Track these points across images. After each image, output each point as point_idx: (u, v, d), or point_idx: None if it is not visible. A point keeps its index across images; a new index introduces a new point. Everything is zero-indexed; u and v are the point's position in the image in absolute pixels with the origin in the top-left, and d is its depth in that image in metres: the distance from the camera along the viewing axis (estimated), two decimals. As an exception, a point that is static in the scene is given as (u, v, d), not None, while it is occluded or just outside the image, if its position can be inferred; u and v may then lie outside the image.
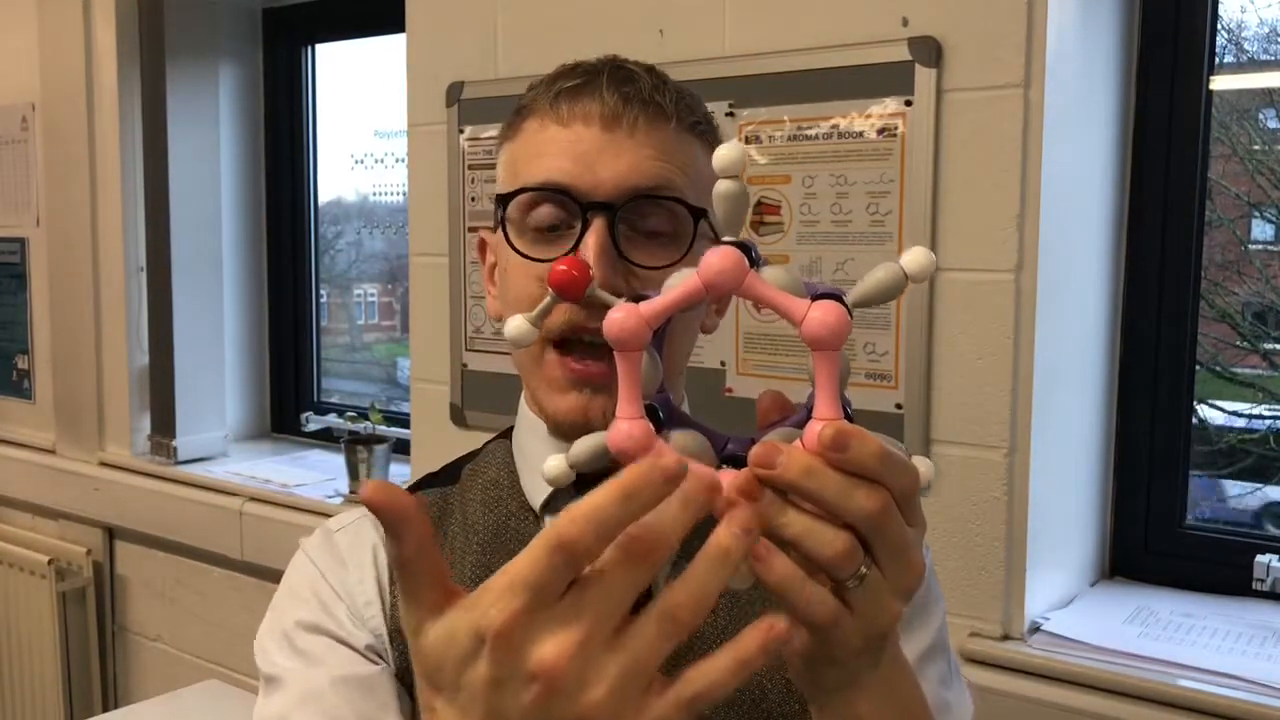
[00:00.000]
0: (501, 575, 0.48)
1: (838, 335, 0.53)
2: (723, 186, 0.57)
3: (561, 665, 0.46)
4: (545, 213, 0.80)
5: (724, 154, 0.56)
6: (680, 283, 0.56)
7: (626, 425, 0.56)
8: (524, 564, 0.48)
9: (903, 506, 0.54)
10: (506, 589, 0.47)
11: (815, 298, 0.54)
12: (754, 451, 0.53)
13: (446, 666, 0.49)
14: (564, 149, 0.80)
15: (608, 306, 0.61)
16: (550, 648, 0.47)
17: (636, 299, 0.57)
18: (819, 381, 0.54)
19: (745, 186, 0.57)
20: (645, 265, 0.79)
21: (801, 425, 0.55)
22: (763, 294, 0.54)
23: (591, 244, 0.77)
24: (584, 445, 0.60)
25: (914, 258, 0.54)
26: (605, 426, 0.73)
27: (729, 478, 0.53)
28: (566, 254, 0.78)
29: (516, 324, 0.65)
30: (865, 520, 0.52)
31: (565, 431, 0.81)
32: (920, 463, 0.56)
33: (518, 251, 0.81)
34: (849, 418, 0.55)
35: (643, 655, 0.47)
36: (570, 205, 0.79)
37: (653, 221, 0.80)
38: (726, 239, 0.57)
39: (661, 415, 0.58)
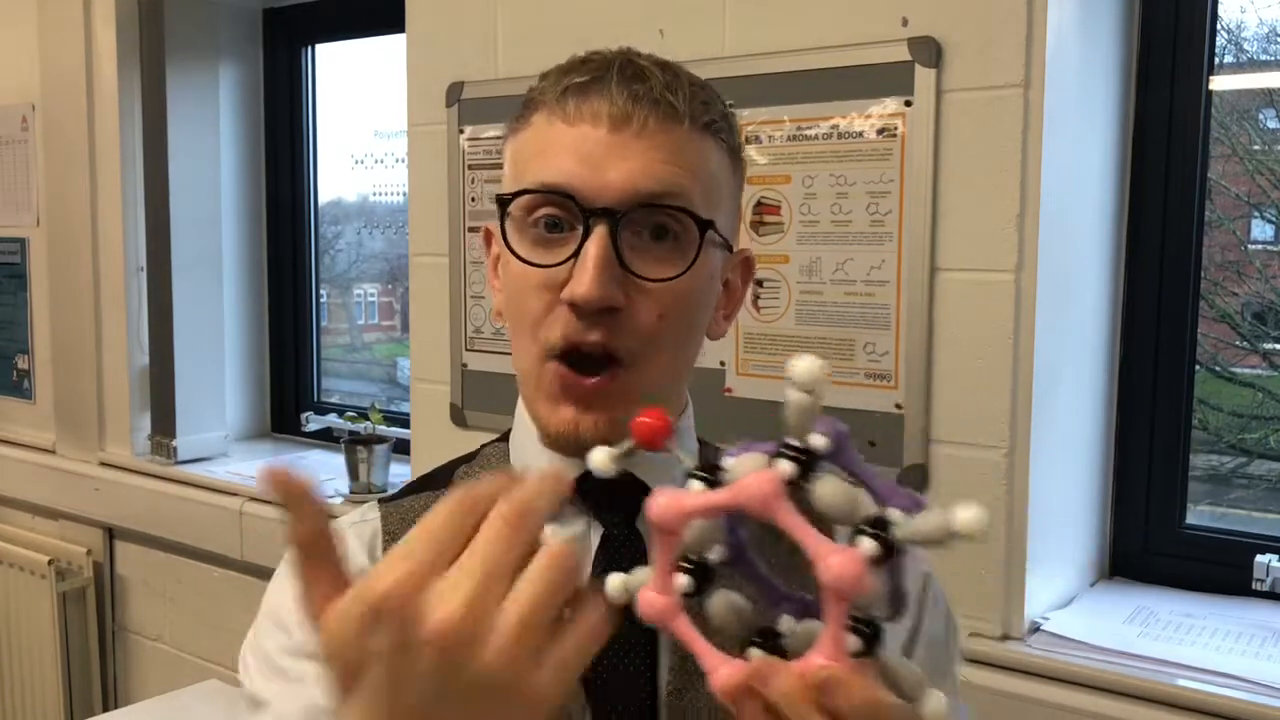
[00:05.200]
0: (390, 552, 0.51)
1: (853, 589, 0.51)
2: (794, 398, 0.56)
3: (454, 625, 0.48)
4: (547, 215, 0.77)
5: (803, 368, 0.55)
6: (724, 488, 0.56)
7: (650, 597, 0.58)
8: (410, 536, 0.51)
9: None
10: (395, 558, 0.50)
11: (861, 527, 0.53)
12: (752, 665, 0.54)
13: (348, 646, 0.50)
14: (569, 149, 0.76)
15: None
16: (441, 610, 0.48)
17: (710, 469, 0.57)
18: (827, 624, 0.53)
19: (819, 401, 0.56)
20: (648, 277, 0.76)
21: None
22: (788, 524, 0.53)
23: (591, 253, 0.74)
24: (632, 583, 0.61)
25: (970, 517, 0.52)
26: (596, 443, 0.69)
27: (730, 670, 0.55)
28: (566, 261, 0.76)
29: (600, 457, 0.63)
30: None
31: (557, 444, 0.80)
32: (932, 698, 0.55)
33: (517, 257, 0.78)
34: (875, 634, 0.54)
35: (533, 609, 0.49)
36: (573, 209, 0.76)
37: (658, 230, 0.77)
38: (791, 441, 0.56)
39: (711, 572, 0.60)
